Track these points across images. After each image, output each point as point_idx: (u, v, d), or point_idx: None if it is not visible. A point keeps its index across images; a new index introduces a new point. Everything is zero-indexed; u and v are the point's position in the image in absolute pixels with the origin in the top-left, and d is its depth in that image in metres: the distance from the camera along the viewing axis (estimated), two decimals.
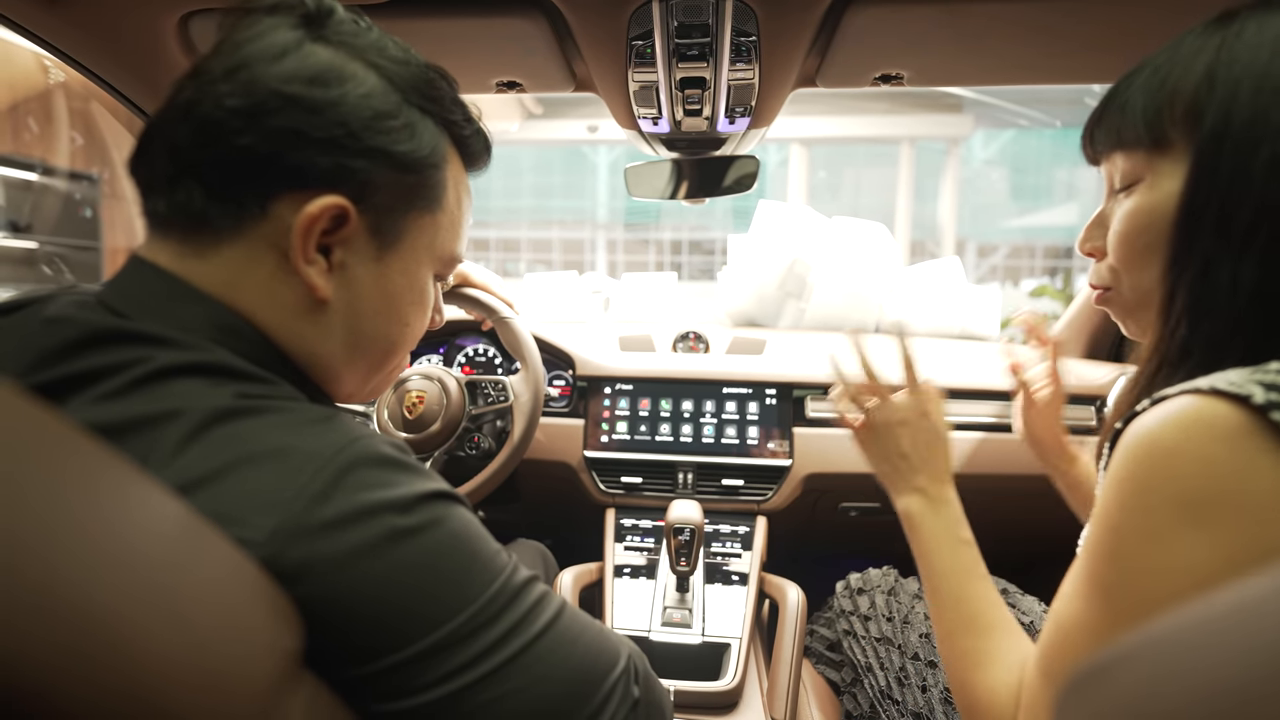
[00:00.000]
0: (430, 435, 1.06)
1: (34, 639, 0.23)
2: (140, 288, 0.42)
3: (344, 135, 0.42)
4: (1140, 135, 0.47)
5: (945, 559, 0.62)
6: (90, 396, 0.36)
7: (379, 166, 0.44)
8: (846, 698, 0.93)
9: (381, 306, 0.48)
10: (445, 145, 0.49)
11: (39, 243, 2.55)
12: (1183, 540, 0.37)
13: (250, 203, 0.42)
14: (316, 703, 0.34)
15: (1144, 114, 0.47)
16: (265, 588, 0.32)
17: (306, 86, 0.41)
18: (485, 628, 0.38)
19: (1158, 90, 0.46)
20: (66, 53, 0.83)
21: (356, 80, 0.43)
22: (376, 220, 0.45)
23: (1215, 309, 0.44)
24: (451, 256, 0.53)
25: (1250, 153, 0.41)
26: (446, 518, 0.39)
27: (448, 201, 0.50)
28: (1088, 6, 0.68)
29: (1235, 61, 0.43)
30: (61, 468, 0.27)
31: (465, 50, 0.83)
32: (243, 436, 0.36)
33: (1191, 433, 0.37)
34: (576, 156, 12.84)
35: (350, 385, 0.51)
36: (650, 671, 0.49)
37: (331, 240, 0.44)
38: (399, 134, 0.44)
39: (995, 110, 8.16)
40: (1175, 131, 0.45)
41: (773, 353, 1.35)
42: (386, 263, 0.47)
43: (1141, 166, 0.48)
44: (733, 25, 0.70)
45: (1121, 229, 0.49)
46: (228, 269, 0.42)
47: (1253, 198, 0.41)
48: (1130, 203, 0.48)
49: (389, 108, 0.44)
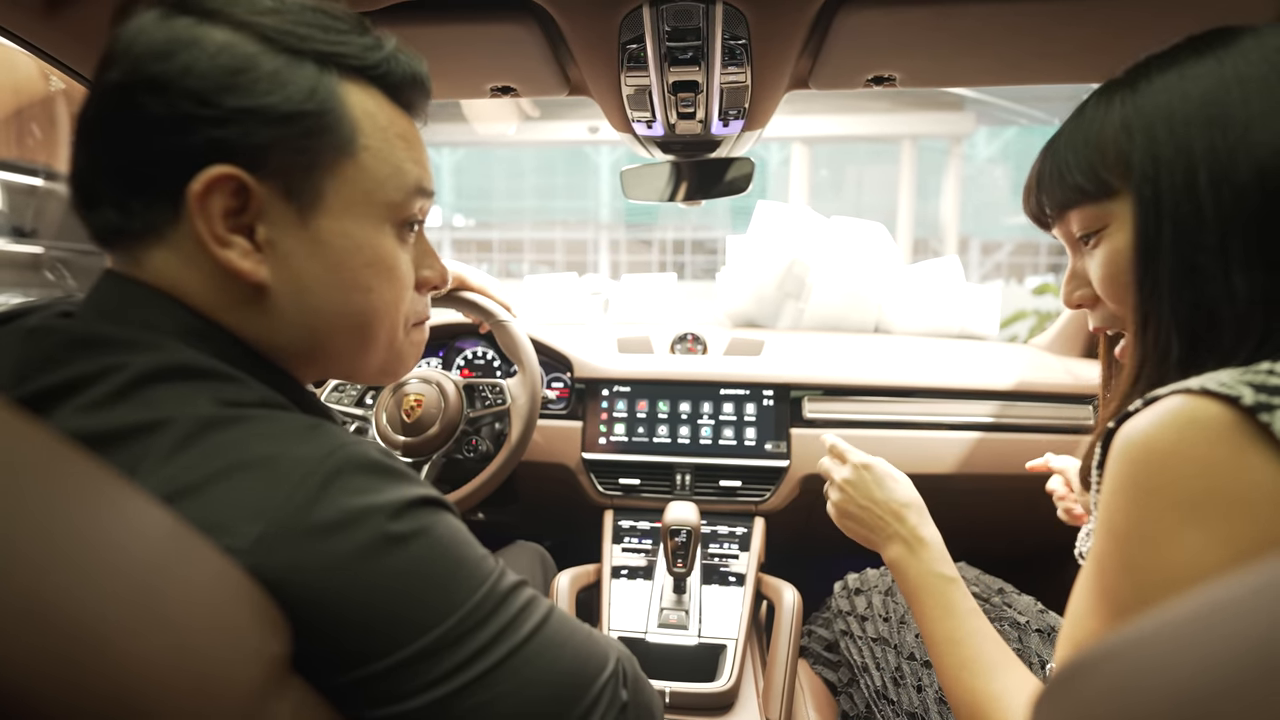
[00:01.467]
0: (428, 438, 1.06)
1: (20, 644, 0.24)
2: (108, 295, 0.42)
3: (198, 105, 0.39)
4: (1085, 190, 0.51)
5: (932, 599, 0.65)
6: (74, 406, 0.37)
7: (253, 126, 0.40)
8: (843, 698, 0.93)
9: (328, 277, 0.44)
10: (335, 83, 0.43)
11: (43, 248, 2.56)
12: (1188, 541, 0.37)
13: (159, 204, 0.40)
14: (304, 708, 0.35)
15: (1081, 171, 0.51)
16: (252, 594, 0.33)
17: (151, 64, 0.39)
18: (473, 632, 0.38)
19: (1083, 148, 0.51)
20: (66, 64, 0.84)
21: (204, 42, 0.39)
22: (286, 184, 0.42)
23: (1192, 323, 0.46)
24: (402, 200, 0.47)
25: (1191, 179, 0.45)
26: (434, 524, 0.39)
27: (366, 140, 0.44)
28: (1077, 7, 0.68)
29: (1141, 110, 0.48)
30: (47, 478, 0.28)
31: (459, 55, 0.83)
32: (230, 445, 0.36)
33: (1186, 433, 0.38)
34: (579, 157, 12.85)
35: (341, 368, 0.49)
36: (640, 674, 0.49)
37: (246, 218, 0.41)
38: (261, 86, 0.40)
39: (997, 108, 8.14)
40: (1113, 178, 0.49)
41: (771, 354, 1.35)
42: (316, 227, 0.43)
43: (1101, 215, 0.51)
44: (724, 28, 0.70)
45: (1105, 274, 0.52)
46: (169, 271, 0.41)
47: (1208, 218, 0.44)
48: (1104, 248, 0.51)
49: (242, 62, 0.40)
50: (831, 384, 1.27)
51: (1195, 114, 0.45)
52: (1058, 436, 1.22)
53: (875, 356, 1.38)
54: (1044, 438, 1.23)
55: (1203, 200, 0.45)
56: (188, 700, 0.28)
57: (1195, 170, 0.45)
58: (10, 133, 2.55)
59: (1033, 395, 1.24)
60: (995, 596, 0.94)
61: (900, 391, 1.27)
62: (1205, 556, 0.37)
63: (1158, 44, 0.50)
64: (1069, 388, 1.26)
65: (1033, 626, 0.86)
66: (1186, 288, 0.46)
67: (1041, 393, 1.25)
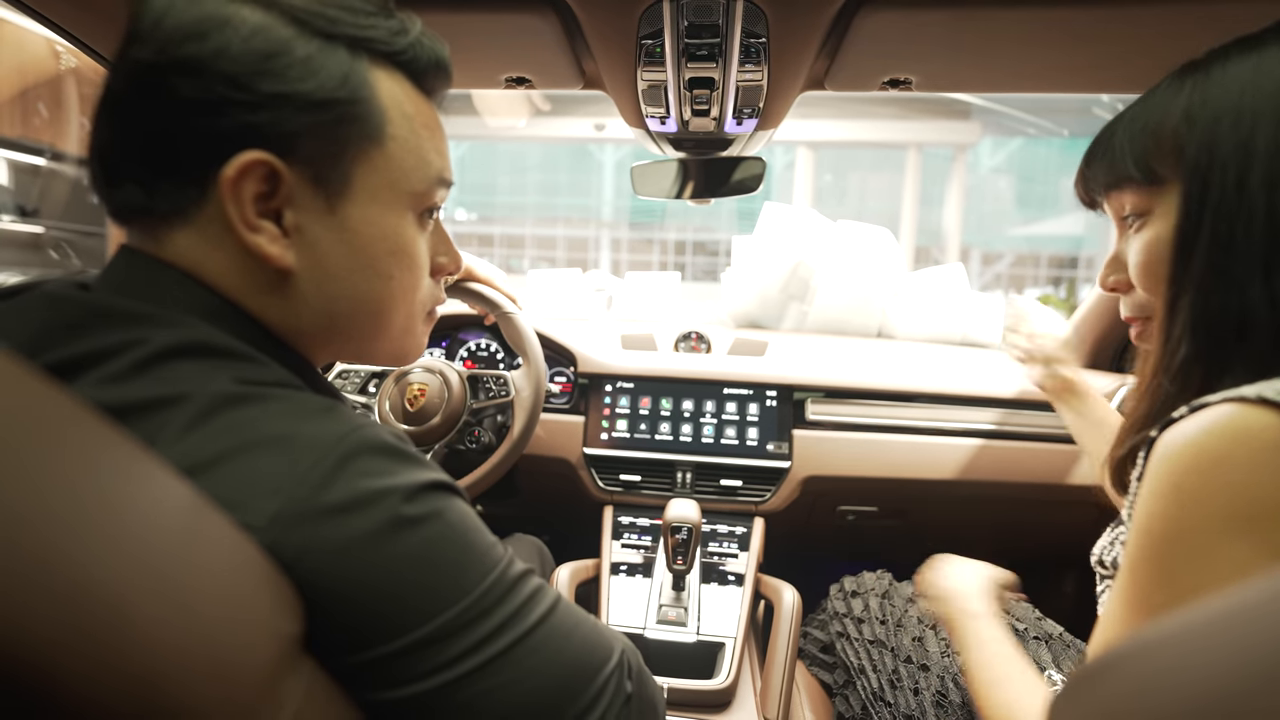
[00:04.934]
0: (431, 428, 1.06)
1: (38, 614, 0.24)
2: (127, 271, 0.42)
3: (232, 89, 0.38)
4: (1134, 175, 0.50)
5: (961, 634, 0.68)
6: (96, 378, 0.37)
7: (287, 113, 0.40)
8: (839, 700, 0.94)
9: (352, 263, 0.44)
10: (365, 69, 0.43)
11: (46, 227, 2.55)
12: (1232, 551, 0.36)
13: (187, 186, 0.40)
14: (315, 687, 0.34)
15: (1133, 155, 0.50)
16: (267, 572, 0.33)
17: (184, 45, 0.38)
18: (480, 619, 0.38)
19: (1140, 134, 0.50)
20: (81, 39, 0.83)
21: (236, 23, 0.39)
22: (315, 171, 0.42)
23: (1218, 325, 0.45)
24: (425, 190, 0.47)
25: (1243, 176, 0.44)
26: (446, 508, 0.39)
27: (394, 130, 0.44)
28: (1098, 17, 0.68)
29: (1208, 101, 0.46)
30: (69, 445, 0.28)
31: (475, 45, 0.83)
32: (247, 423, 0.36)
33: (1239, 441, 0.37)
34: (583, 154, 12.84)
35: (355, 351, 0.49)
36: (643, 667, 0.49)
37: (274, 203, 0.41)
38: (295, 72, 0.40)
39: (1003, 118, 8.16)
40: (1164, 168, 0.48)
41: (774, 354, 1.35)
42: (343, 214, 0.43)
43: (1144, 202, 0.50)
44: (743, 26, 0.70)
45: (1141, 260, 0.51)
46: (192, 253, 0.41)
47: (1258, 213, 0.43)
48: (1145, 234, 0.51)
49: (276, 47, 0.39)
50: (835, 386, 1.27)
51: (1264, 108, 0.44)
52: (1059, 445, 1.23)
53: (879, 360, 1.38)
54: (1045, 446, 1.23)
55: (1253, 200, 0.43)
56: (204, 676, 0.28)
57: (1249, 168, 0.44)
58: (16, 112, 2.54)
59: (1035, 404, 1.25)
60: None
61: (903, 396, 1.28)
62: (1248, 569, 0.36)
63: (1178, 58, 0.50)
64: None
65: (1031, 634, 0.86)
66: (1215, 290, 0.45)
67: (1044, 401, 1.25)
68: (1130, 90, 0.82)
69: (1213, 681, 0.20)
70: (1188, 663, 0.21)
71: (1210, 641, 0.21)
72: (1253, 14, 0.55)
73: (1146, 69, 0.52)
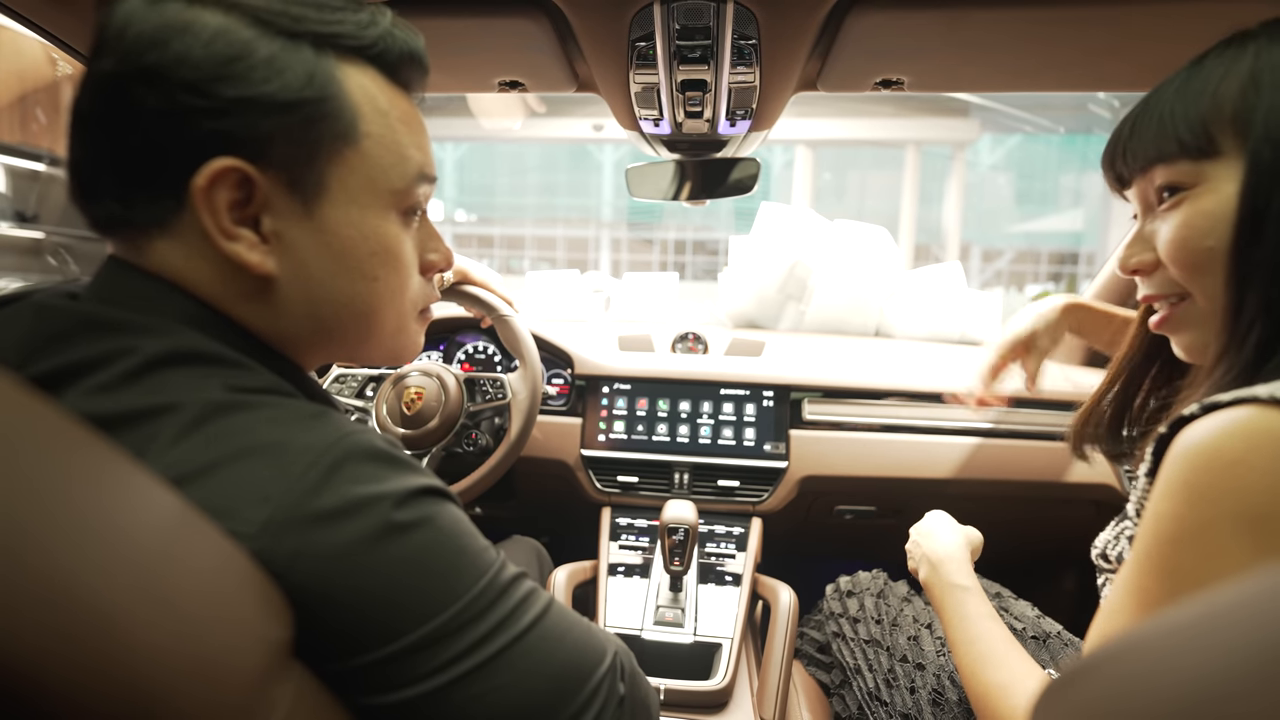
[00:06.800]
0: (428, 431, 1.06)
1: (27, 622, 0.24)
2: (114, 281, 0.42)
3: (195, 97, 0.38)
4: (1185, 144, 0.46)
5: (949, 607, 0.68)
6: (84, 388, 0.37)
7: (253, 117, 0.39)
8: (835, 699, 0.94)
9: (335, 267, 0.44)
10: (333, 66, 0.42)
11: (45, 233, 2.55)
12: (1240, 553, 0.36)
13: (162, 197, 0.40)
14: (305, 692, 0.35)
15: (1187, 123, 0.46)
16: (256, 579, 0.33)
17: (145, 54, 0.37)
18: (472, 623, 0.38)
19: (1198, 98, 0.46)
20: (70, 45, 0.84)
21: (197, 28, 0.38)
22: (289, 174, 0.41)
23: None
24: (406, 188, 0.46)
25: None
26: (437, 514, 0.39)
27: (368, 127, 0.43)
28: (1087, 15, 0.69)
29: (1277, 64, 0.43)
30: (56, 456, 0.28)
31: (467, 49, 0.83)
32: (237, 431, 0.36)
33: (1255, 443, 0.36)
34: (582, 155, 12.84)
35: (347, 353, 0.49)
36: (637, 669, 0.49)
37: (251, 210, 0.41)
38: (258, 74, 0.39)
39: (1001, 115, 8.15)
40: (1223, 136, 0.45)
41: (771, 355, 1.36)
42: (322, 217, 0.42)
43: (1190, 175, 0.47)
44: (734, 28, 0.70)
45: (1181, 236, 0.47)
46: (174, 262, 0.41)
47: None
48: (1185, 210, 0.47)
49: (238, 50, 0.38)
50: (832, 386, 1.27)
51: None
52: (1057, 444, 1.23)
53: (876, 360, 1.38)
54: (1043, 444, 1.24)
55: None
56: (192, 683, 0.28)
57: None
58: (15, 117, 2.54)
59: (1032, 402, 1.25)
60: (992, 601, 0.94)
61: (900, 395, 1.28)
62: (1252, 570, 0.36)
63: (1166, 53, 0.50)
64: (1069, 395, 1.26)
65: (1029, 633, 0.86)
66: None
67: (1041, 400, 1.26)
68: (1119, 88, 0.83)
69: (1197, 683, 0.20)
70: (1173, 663, 0.21)
71: (1196, 642, 0.21)
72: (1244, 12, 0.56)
73: (1133, 67, 0.51)
